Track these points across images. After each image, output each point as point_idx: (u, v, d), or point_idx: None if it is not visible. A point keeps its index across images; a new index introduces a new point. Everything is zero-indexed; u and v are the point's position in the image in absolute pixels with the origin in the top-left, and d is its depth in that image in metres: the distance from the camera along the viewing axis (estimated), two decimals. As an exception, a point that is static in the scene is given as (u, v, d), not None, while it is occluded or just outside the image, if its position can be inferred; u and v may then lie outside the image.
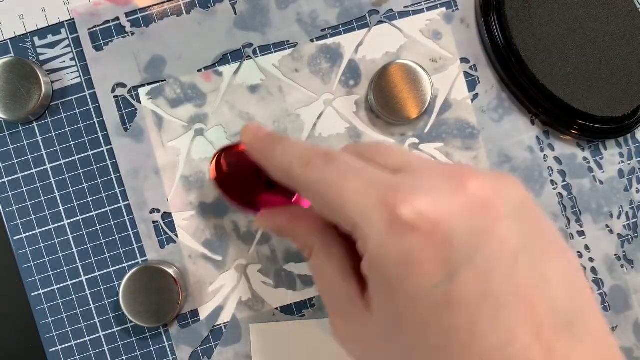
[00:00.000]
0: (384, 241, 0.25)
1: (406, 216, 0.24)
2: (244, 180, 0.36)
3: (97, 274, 0.41)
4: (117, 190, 0.41)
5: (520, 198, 0.25)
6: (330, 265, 0.30)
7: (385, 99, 0.40)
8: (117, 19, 0.41)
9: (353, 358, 0.29)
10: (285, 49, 0.42)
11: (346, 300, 0.28)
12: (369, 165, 0.28)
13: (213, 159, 0.36)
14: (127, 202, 0.41)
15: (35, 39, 0.41)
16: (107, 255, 0.41)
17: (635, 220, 0.42)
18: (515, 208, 0.25)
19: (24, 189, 0.41)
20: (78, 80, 0.41)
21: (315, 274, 0.31)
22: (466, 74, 0.42)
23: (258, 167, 0.33)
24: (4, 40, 0.41)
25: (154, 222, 0.41)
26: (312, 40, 0.42)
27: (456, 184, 0.25)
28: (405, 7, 0.42)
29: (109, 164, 0.41)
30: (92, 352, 0.41)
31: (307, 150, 0.30)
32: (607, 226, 0.42)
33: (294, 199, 0.36)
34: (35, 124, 0.41)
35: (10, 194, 0.41)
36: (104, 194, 0.41)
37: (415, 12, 0.42)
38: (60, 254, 0.41)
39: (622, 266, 0.42)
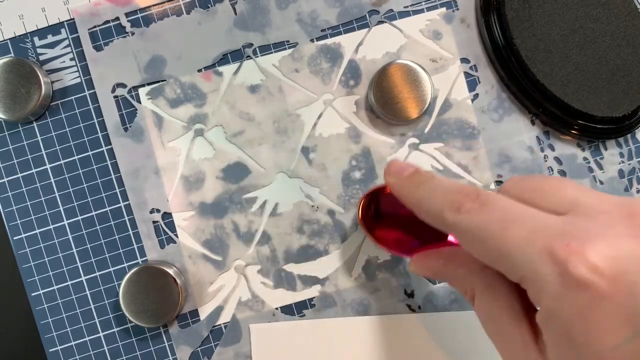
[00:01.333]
0: (558, 296, 0.23)
1: (580, 274, 0.22)
2: (392, 223, 0.36)
3: (97, 274, 0.41)
4: (117, 190, 0.41)
5: None
6: (497, 307, 0.28)
7: (385, 99, 0.40)
8: (117, 19, 0.41)
9: None
10: (285, 49, 0.42)
11: (519, 346, 0.27)
12: (531, 209, 0.26)
13: (360, 202, 0.37)
14: (127, 202, 0.41)
15: (35, 39, 0.41)
16: (107, 255, 0.41)
17: (636, 220, 0.42)
18: None
19: (24, 189, 0.41)
20: (78, 80, 0.41)
21: (482, 317, 0.29)
22: (466, 74, 0.42)
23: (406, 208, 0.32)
24: (4, 40, 0.41)
25: (154, 222, 0.41)
26: (312, 40, 0.42)
27: (636, 227, 0.23)
28: (405, 7, 0.42)
29: (109, 164, 0.41)
30: (92, 352, 0.41)
31: (456, 192, 0.28)
32: (607, 226, 0.42)
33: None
34: (35, 124, 0.41)
35: (10, 194, 0.41)
36: (104, 194, 0.41)
37: (416, 12, 0.42)
38: (60, 254, 0.41)
39: (622, 266, 0.42)
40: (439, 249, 0.33)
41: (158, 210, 0.41)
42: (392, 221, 0.36)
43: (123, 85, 0.41)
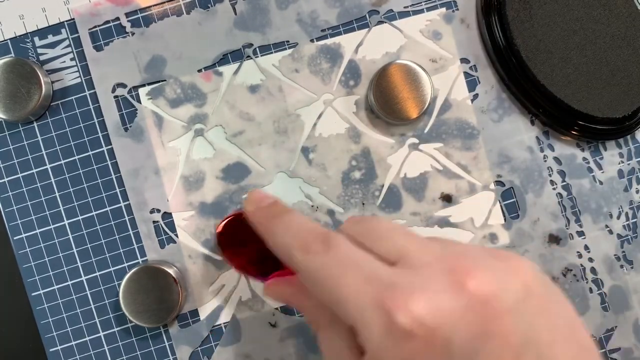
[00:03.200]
0: (382, 345, 0.24)
1: (403, 323, 0.23)
2: (249, 248, 0.36)
3: (97, 274, 0.41)
4: (117, 190, 0.41)
5: (525, 286, 0.25)
6: (338, 341, 0.29)
7: (385, 99, 0.40)
8: (118, 19, 0.41)
9: None
10: (285, 49, 0.42)
11: None
12: (368, 256, 0.27)
13: (218, 226, 0.37)
14: (127, 202, 0.41)
15: (36, 39, 0.41)
16: (107, 255, 0.41)
17: (635, 220, 0.42)
18: (518, 300, 0.24)
19: (24, 189, 0.41)
20: (78, 80, 0.41)
21: (323, 349, 0.30)
22: (466, 74, 0.42)
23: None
24: (4, 40, 0.41)
25: (154, 222, 0.41)
26: (312, 41, 0.42)
27: (455, 282, 0.24)
28: (405, 7, 0.42)
29: (109, 164, 0.41)
30: (92, 352, 0.41)
31: (306, 232, 0.29)
32: (607, 226, 0.42)
33: None
34: (35, 124, 0.41)
35: (10, 194, 0.41)
36: (104, 194, 0.41)
37: (415, 12, 0.42)
38: (61, 254, 0.41)
39: (621, 266, 0.42)
40: (292, 278, 0.33)
41: (158, 210, 0.41)
42: (249, 246, 0.36)
43: (123, 85, 0.41)
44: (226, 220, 0.37)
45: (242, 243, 0.36)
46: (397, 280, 0.25)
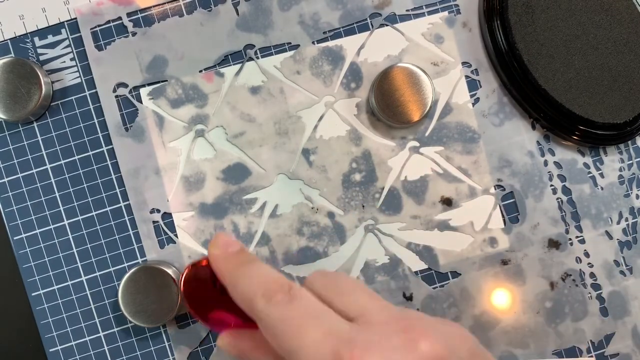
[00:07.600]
0: None
1: None
2: (209, 297, 0.34)
3: (97, 274, 0.41)
4: (117, 190, 0.41)
5: (470, 352, 0.27)
6: None
7: (386, 102, 0.40)
8: (119, 18, 0.41)
9: None
10: (286, 50, 0.42)
11: None
12: (329, 311, 0.28)
13: (183, 274, 0.35)
14: (127, 202, 0.41)
15: (36, 39, 0.41)
16: (107, 255, 0.41)
17: (635, 226, 0.42)
18: None
19: (24, 189, 0.41)
20: (78, 80, 0.41)
21: None
22: (467, 78, 0.42)
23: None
24: (4, 40, 0.41)
25: (153, 222, 0.41)
26: (313, 43, 0.42)
27: (409, 341, 0.26)
28: (407, 10, 0.42)
29: (109, 164, 0.41)
30: (92, 352, 0.41)
31: (271, 281, 0.29)
32: (607, 232, 0.42)
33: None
34: (35, 124, 0.41)
35: (10, 194, 0.41)
36: (104, 194, 0.41)
37: (417, 16, 0.42)
38: (60, 254, 0.41)
39: (621, 272, 0.42)
40: (250, 331, 0.33)
41: (158, 211, 0.41)
42: (208, 296, 0.34)
43: (124, 85, 0.41)
44: (189, 267, 0.34)
45: (202, 293, 0.34)
46: (355, 336, 0.26)
